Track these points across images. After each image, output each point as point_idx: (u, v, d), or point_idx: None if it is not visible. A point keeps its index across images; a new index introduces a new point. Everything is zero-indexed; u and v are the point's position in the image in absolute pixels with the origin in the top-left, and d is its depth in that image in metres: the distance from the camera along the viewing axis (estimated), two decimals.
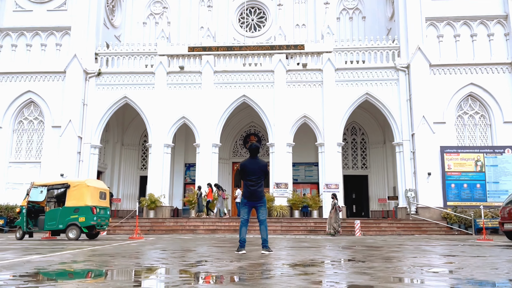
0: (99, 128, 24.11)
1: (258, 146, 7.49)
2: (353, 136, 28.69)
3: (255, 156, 7.40)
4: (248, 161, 7.38)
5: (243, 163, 7.42)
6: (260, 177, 7.26)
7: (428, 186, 21.95)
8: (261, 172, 7.27)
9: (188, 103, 23.95)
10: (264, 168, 7.34)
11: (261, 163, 7.37)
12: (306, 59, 24.08)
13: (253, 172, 7.23)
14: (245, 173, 7.29)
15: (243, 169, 7.34)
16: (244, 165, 7.35)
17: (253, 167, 7.26)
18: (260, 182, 7.27)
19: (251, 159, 7.37)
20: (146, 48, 24.87)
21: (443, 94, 22.88)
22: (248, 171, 7.25)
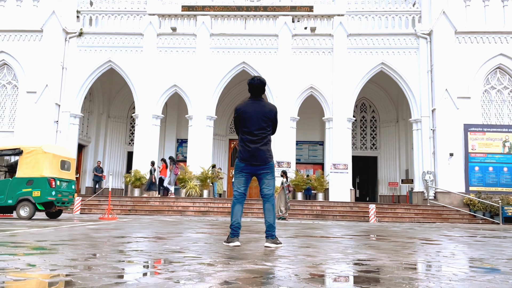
0: (80, 95, 21.43)
1: (264, 81, 4.89)
2: (362, 114, 26.07)
3: (258, 96, 4.86)
4: (247, 103, 4.84)
5: (239, 106, 4.88)
6: (266, 129, 4.75)
7: (449, 168, 19.45)
8: (267, 120, 4.75)
9: (180, 70, 21.23)
10: (272, 115, 4.81)
11: (268, 108, 4.83)
12: (315, 23, 21.31)
13: (255, 120, 4.71)
14: (241, 122, 4.78)
15: (239, 115, 4.81)
16: (240, 110, 4.81)
17: (254, 113, 4.73)
18: (266, 136, 4.75)
19: (253, 101, 4.84)
20: (134, 7, 22.02)
21: (469, 65, 20.21)
22: (247, 119, 4.73)
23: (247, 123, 4.69)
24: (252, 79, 4.83)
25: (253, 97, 4.84)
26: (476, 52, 20.29)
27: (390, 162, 25.12)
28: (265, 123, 4.70)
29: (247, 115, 4.70)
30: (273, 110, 4.82)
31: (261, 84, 4.80)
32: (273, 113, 4.79)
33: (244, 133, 4.71)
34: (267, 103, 4.86)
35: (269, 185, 4.73)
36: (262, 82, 4.81)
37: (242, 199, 4.77)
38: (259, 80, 4.80)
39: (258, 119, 4.67)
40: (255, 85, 4.79)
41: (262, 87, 4.80)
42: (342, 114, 20.36)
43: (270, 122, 4.75)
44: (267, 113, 4.74)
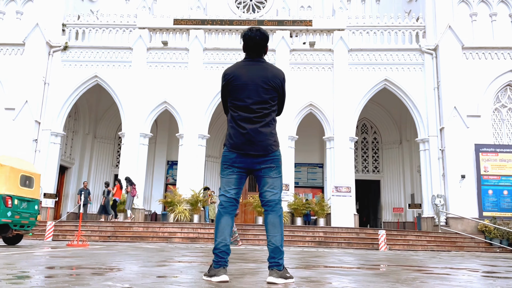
0: (63, 112, 19.94)
1: (266, 35, 3.35)
2: (363, 135, 24.71)
3: (257, 55, 3.35)
4: (241, 65, 3.34)
5: (229, 69, 3.36)
6: (268, 103, 3.22)
7: (461, 191, 17.94)
8: (271, 90, 3.23)
9: (171, 86, 19.89)
10: (278, 82, 3.28)
11: (271, 71, 3.29)
12: (314, 38, 20.20)
13: (252, 89, 3.20)
14: (232, 92, 3.27)
15: (228, 82, 3.29)
16: (230, 75, 3.28)
17: (251, 79, 3.22)
18: (268, 113, 3.23)
19: (250, 62, 3.32)
20: (124, 20, 20.87)
21: (478, 82, 19.04)
22: (240, 87, 3.22)
23: (240, 93, 3.19)
24: (250, 30, 3.33)
25: (250, 55, 3.32)
26: (484, 69, 19.16)
27: (394, 186, 23.59)
28: (268, 93, 3.20)
29: (240, 82, 3.20)
30: (279, 75, 3.29)
31: (262, 38, 3.29)
32: (280, 80, 3.28)
33: (237, 109, 3.19)
34: (270, 65, 3.34)
35: (274, 186, 3.18)
36: (263, 35, 3.30)
37: (232, 208, 3.19)
38: (258, 31, 3.30)
39: (257, 87, 3.18)
40: (253, 38, 3.26)
41: (263, 42, 3.29)
42: (344, 133, 18.97)
43: (275, 93, 3.23)
44: (270, 78, 3.21)
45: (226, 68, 3.39)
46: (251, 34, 3.28)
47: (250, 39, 3.28)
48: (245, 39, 3.30)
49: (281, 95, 3.33)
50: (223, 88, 3.34)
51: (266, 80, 3.21)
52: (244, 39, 3.31)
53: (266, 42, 3.32)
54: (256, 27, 3.35)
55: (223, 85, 3.33)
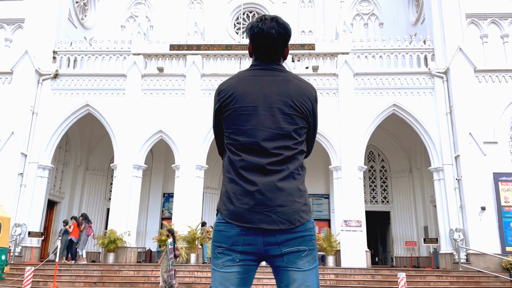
0: (52, 144, 18.71)
1: (286, 27, 2.03)
2: (371, 163, 23.41)
3: (273, 59, 2.07)
4: (244, 76, 2.06)
5: (226, 83, 2.07)
6: (291, 138, 1.94)
7: (481, 225, 16.50)
8: (295, 115, 1.97)
9: (167, 114, 18.75)
10: (306, 104, 2.01)
11: (296, 86, 2.01)
12: (317, 62, 19.21)
13: (263, 113, 1.94)
14: (230, 119, 1.99)
15: (223, 102, 2.02)
16: (228, 91, 2.02)
17: (262, 96, 1.96)
18: (292, 154, 1.93)
19: (259, 71, 2.04)
20: (118, 46, 19.94)
21: (492, 107, 17.91)
22: (243, 111, 1.96)
23: (245, 122, 1.96)
24: (261, 19, 2.06)
25: (260, 62, 2.10)
26: (499, 92, 18.08)
27: (405, 217, 22.13)
28: (292, 122, 1.96)
29: (245, 104, 1.97)
30: (308, 91, 2.05)
31: (281, 34, 2.03)
32: (310, 100, 2.05)
33: (239, 149, 1.95)
34: (294, 77, 2.08)
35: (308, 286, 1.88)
36: (283, 28, 2.03)
37: None
38: (275, 21, 2.02)
39: (273, 112, 1.95)
40: (266, 34, 2.01)
41: (282, 39, 2.04)
42: (351, 162, 17.69)
43: (303, 121, 2.00)
44: (295, 97, 1.99)
45: (223, 81, 2.15)
46: (264, 27, 2.02)
47: (261, 35, 2.02)
48: (254, 35, 2.05)
49: (312, 125, 2.08)
50: (216, 113, 2.09)
51: (288, 101, 1.97)
52: (252, 35, 2.05)
53: (287, 39, 2.07)
54: (271, 16, 2.08)
55: (216, 109, 2.08)
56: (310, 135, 2.09)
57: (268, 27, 2.02)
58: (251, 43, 2.10)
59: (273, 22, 2.03)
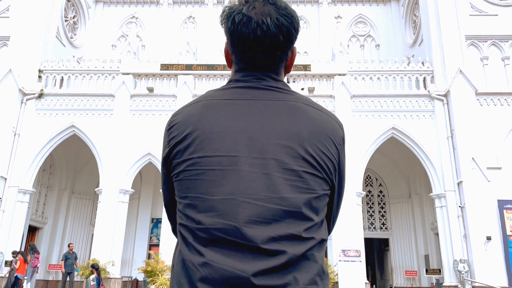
0: (34, 166, 17.74)
1: (289, 10, 1.21)
2: (368, 188, 22.57)
3: (267, 69, 1.22)
4: (218, 99, 1.20)
5: (179, 114, 1.22)
6: (302, 217, 1.06)
7: (487, 255, 15.61)
8: (310, 175, 1.09)
9: (156, 136, 17.84)
10: (331, 151, 1.14)
11: (308, 119, 1.14)
12: (313, 83, 18.57)
13: (249, 169, 1.07)
14: (185, 179, 1.12)
15: (174, 148, 1.17)
16: (181, 127, 1.16)
17: (249, 137, 1.11)
18: (302, 251, 1.03)
19: (245, 89, 1.20)
20: (107, 66, 19.21)
21: (495, 131, 17.26)
22: (211, 164, 1.09)
23: (211, 182, 1.09)
24: (246, 1, 1.20)
25: (244, 74, 1.25)
26: (501, 116, 17.46)
27: (404, 245, 21.17)
28: (300, 184, 1.08)
29: (213, 149, 1.11)
30: (334, 129, 1.19)
31: (285, 25, 1.18)
32: (336, 143, 1.17)
33: (199, 238, 1.07)
34: (303, 100, 1.20)
35: None
36: (286, 15, 1.19)
37: None
38: (273, 3, 1.19)
39: (263, 165, 1.08)
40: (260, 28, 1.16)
41: (285, 34, 1.19)
42: (349, 187, 16.81)
43: (324, 183, 1.13)
44: (308, 138, 1.12)
45: (177, 110, 1.30)
46: (251, 13, 1.19)
47: (247, 27, 1.19)
48: (235, 29, 1.22)
49: (336, 188, 1.23)
50: (165, 165, 1.26)
51: (296, 146, 1.13)
52: (232, 29, 1.23)
53: (293, 34, 1.26)
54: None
55: (164, 158, 1.25)
56: (333, 207, 1.25)
57: (258, 13, 1.19)
58: (229, 42, 1.27)
59: (267, 6, 1.21)
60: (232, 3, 1.26)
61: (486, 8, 19.05)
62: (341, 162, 1.22)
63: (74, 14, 23.26)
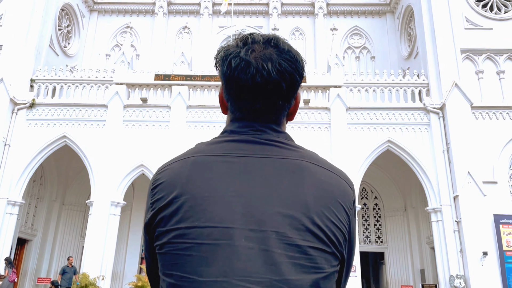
0: (24, 178, 17.40)
1: (293, 53, 1.04)
2: (363, 200, 22.39)
3: (267, 119, 1.07)
4: (209, 156, 1.02)
5: (164, 172, 1.04)
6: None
7: (483, 271, 15.43)
8: (317, 249, 0.91)
9: (149, 147, 17.65)
10: (342, 221, 0.97)
11: (315, 182, 0.96)
12: (309, 95, 18.46)
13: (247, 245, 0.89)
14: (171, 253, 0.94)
15: (160, 206, 0.98)
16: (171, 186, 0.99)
17: (242, 201, 0.93)
18: None
19: (238, 145, 1.03)
20: (100, 76, 19.00)
21: (490, 144, 17.19)
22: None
23: (200, 259, 0.90)
24: (244, 42, 1.05)
25: (240, 125, 1.10)
26: (496, 130, 17.41)
27: (400, 259, 20.94)
28: (305, 262, 0.89)
29: (203, 219, 0.93)
30: (340, 188, 1.01)
31: (288, 71, 1.02)
32: (345, 206, 0.99)
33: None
34: (308, 157, 1.05)
35: None
36: (290, 59, 1.03)
37: None
38: (274, 46, 1.04)
39: (263, 239, 0.90)
40: (259, 73, 1.00)
41: (289, 82, 1.03)
42: None
43: (332, 258, 0.95)
44: (314, 206, 0.94)
45: (163, 164, 1.12)
46: (249, 57, 1.03)
47: (244, 72, 1.03)
48: (231, 73, 1.06)
49: (346, 260, 1.04)
50: (146, 230, 1.04)
51: (302, 217, 0.94)
52: (228, 74, 1.07)
53: (298, 79, 1.08)
54: (264, 36, 1.09)
55: (146, 223, 1.04)
56: (341, 283, 1.06)
57: (258, 57, 1.04)
58: (225, 88, 1.13)
59: (268, 49, 1.05)
60: (228, 44, 1.07)
61: (481, 22, 19.12)
62: (352, 231, 1.05)
63: (68, 23, 23.07)
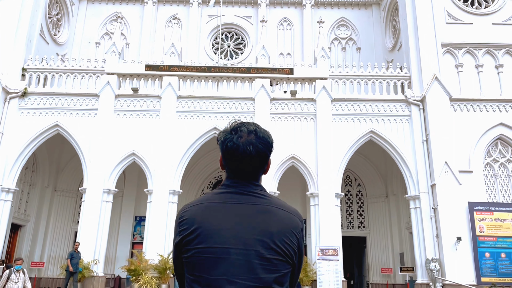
0: (17, 165, 17.82)
1: (267, 139, 1.70)
2: (347, 187, 23.27)
3: (251, 177, 1.71)
4: (213, 203, 1.67)
5: (187, 211, 1.69)
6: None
7: (457, 255, 16.45)
8: (277, 260, 1.59)
9: (140, 136, 18.16)
10: (292, 243, 1.63)
11: (278, 220, 1.63)
12: (296, 87, 19.05)
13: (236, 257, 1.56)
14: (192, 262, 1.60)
15: (184, 239, 1.64)
16: (189, 224, 1.64)
17: (235, 235, 1.59)
18: None
19: (233, 195, 1.68)
20: (91, 65, 19.31)
21: (467, 135, 18.08)
22: (209, 253, 1.58)
23: (212, 269, 1.56)
24: (235, 130, 1.71)
25: (232, 182, 1.73)
26: (473, 122, 18.28)
27: (381, 243, 21.96)
28: (273, 269, 1.58)
29: (213, 245, 1.59)
30: (293, 225, 1.68)
31: (262, 150, 1.69)
32: (296, 236, 1.68)
33: None
34: (275, 203, 1.70)
35: None
36: (264, 142, 1.70)
37: None
38: (254, 133, 1.70)
39: (247, 255, 1.57)
40: (245, 152, 1.67)
41: (262, 155, 1.70)
42: (329, 189, 17.46)
43: (286, 266, 1.63)
44: (277, 236, 1.62)
45: (186, 204, 1.78)
46: (239, 142, 1.68)
47: (236, 151, 1.68)
48: (227, 151, 1.70)
49: (296, 268, 1.71)
50: (176, 249, 1.70)
51: (269, 241, 1.60)
52: (225, 150, 1.71)
53: (269, 155, 1.74)
54: (249, 127, 1.72)
55: (176, 243, 1.70)
56: (294, 277, 1.72)
57: (244, 142, 1.67)
58: (223, 157, 1.74)
59: (251, 136, 1.68)
60: (226, 129, 1.70)
61: (462, 16, 19.81)
62: (300, 247, 1.71)
63: (58, 11, 23.18)
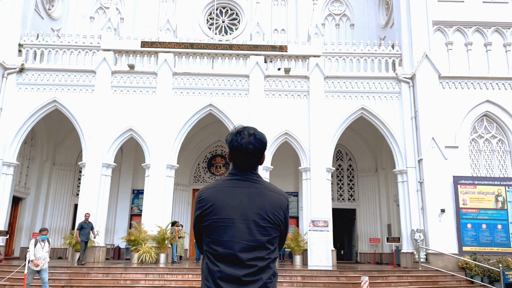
0: (17, 140, 18.24)
1: (263, 140, 2.29)
2: (338, 162, 24.02)
3: (250, 168, 2.29)
4: (223, 186, 2.26)
5: (204, 193, 2.26)
6: (266, 248, 2.16)
7: (440, 226, 17.36)
8: (270, 226, 2.19)
9: (137, 112, 18.59)
10: (280, 216, 2.24)
11: (270, 198, 2.24)
12: (289, 64, 19.43)
13: (240, 226, 2.15)
14: (209, 229, 2.20)
15: (203, 212, 2.22)
16: (207, 202, 2.21)
17: (240, 211, 2.17)
18: (266, 264, 2.14)
19: (237, 181, 2.26)
20: (87, 41, 19.49)
21: (455, 112, 18.71)
22: (220, 223, 2.17)
23: (223, 234, 2.15)
24: (239, 133, 2.28)
25: (237, 171, 2.29)
26: (461, 99, 18.87)
27: (370, 215, 22.92)
28: (266, 234, 2.17)
29: (223, 216, 2.16)
30: (281, 203, 2.27)
31: (259, 147, 2.26)
32: (283, 210, 2.27)
33: (217, 259, 2.14)
34: (267, 187, 2.28)
35: None
36: (259, 142, 2.27)
37: None
38: (253, 137, 2.26)
39: (248, 225, 2.15)
40: (245, 148, 2.24)
41: (259, 152, 2.27)
42: (320, 163, 18.15)
43: (275, 232, 2.22)
44: (269, 210, 2.20)
45: (203, 187, 2.34)
46: (242, 142, 2.26)
47: (239, 149, 2.25)
48: (233, 148, 2.28)
49: (283, 232, 2.32)
50: (196, 220, 2.28)
51: (263, 214, 2.19)
52: (231, 148, 2.29)
53: (263, 151, 2.32)
54: (249, 131, 2.30)
55: (196, 216, 2.29)
56: (281, 239, 2.32)
57: (246, 142, 2.24)
58: (230, 153, 2.31)
59: (250, 137, 2.25)
60: (232, 132, 2.26)
61: None
62: (286, 218, 2.30)
63: None
